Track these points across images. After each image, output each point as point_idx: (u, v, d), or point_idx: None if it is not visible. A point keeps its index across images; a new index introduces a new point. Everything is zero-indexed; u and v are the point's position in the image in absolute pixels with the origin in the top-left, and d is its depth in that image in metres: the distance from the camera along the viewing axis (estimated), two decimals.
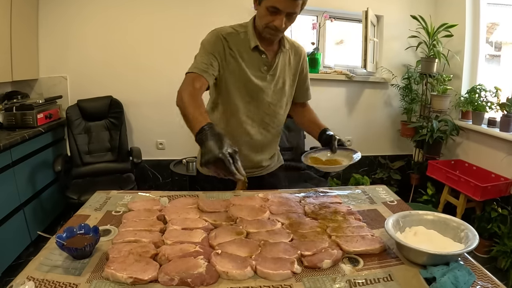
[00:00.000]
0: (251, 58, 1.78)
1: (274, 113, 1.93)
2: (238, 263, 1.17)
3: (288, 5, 1.58)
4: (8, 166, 2.94)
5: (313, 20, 4.39)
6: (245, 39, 1.77)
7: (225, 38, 1.74)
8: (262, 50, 1.78)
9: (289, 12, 1.61)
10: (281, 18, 1.61)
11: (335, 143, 1.77)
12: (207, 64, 1.69)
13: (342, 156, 1.77)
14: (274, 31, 1.68)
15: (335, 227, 1.43)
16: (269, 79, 1.84)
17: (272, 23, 1.63)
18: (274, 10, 1.60)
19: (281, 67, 1.86)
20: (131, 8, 3.95)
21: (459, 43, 4.11)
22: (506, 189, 3.41)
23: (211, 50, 1.72)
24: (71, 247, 1.21)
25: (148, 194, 1.79)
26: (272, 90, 1.86)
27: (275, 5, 1.58)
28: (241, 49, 1.77)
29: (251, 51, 1.77)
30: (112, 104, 3.87)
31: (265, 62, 1.80)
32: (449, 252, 1.22)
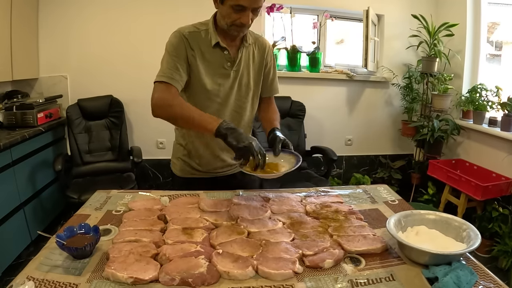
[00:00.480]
0: (213, 55, 1.78)
1: (241, 109, 1.93)
2: (240, 263, 1.17)
3: (253, 2, 1.59)
4: (8, 166, 2.93)
5: (313, 19, 4.38)
6: (206, 37, 1.77)
7: (186, 38, 1.74)
8: (224, 47, 1.77)
9: (254, 8, 1.62)
10: (247, 15, 1.62)
11: (279, 146, 1.73)
12: (174, 69, 1.69)
13: (285, 160, 1.71)
14: (240, 28, 1.68)
15: (336, 227, 1.43)
16: (233, 75, 1.83)
17: (239, 21, 1.64)
18: (240, 8, 1.60)
19: (244, 62, 1.86)
20: (131, 7, 3.94)
21: (460, 42, 4.10)
22: (507, 189, 3.40)
23: (176, 53, 1.72)
24: (71, 247, 1.20)
25: (149, 193, 1.79)
26: (237, 86, 1.87)
27: (240, 3, 1.57)
28: (202, 47, 1.76)
29: (212, 48, 1.76)
30: (112, 104, 3.86)
31: (228, 58, 1.80)
32: (451, 252, 1.22)
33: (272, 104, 2.10)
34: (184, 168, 2.00)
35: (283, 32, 4.14)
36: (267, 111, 2.05)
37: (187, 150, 1.97)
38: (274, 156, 1.70)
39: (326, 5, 4.22)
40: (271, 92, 2.07)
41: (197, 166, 1.97)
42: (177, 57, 1.72)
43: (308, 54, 4.27)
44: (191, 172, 1.99)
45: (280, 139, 1.75)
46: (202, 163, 1.96)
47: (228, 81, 1.83)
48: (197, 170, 1.98)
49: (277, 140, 1.74)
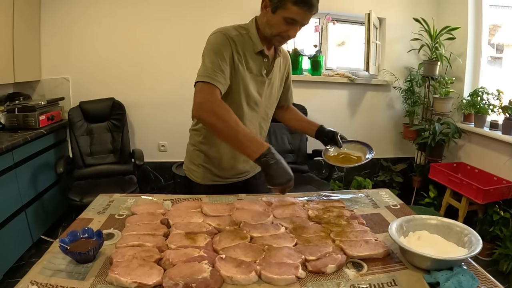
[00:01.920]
0: (254, 61, 1.77)
1: (267, 117, 1.98)
2: (243, 268, 1.17)
3: (306, 18, 1.61)
4: (10, 168, 2.93)
5: (315, 22, 4.39)
6: (248, 41, 1.75)
7: (233, 41, 1.69)
8: (266, 55, 1.78)
9: (304, 23, 1.65)
10: (296, 29, 1.64)
11: (338, 138, 1.90)
12: (219, 70, 1.62)
13: (352, 149, 1.87)
14: (285, 40, 1.71)
15: (338, 232, 1.44)
16: (267, 83, 1.85)
17: (287, 33, 1.65)
18: (292, 21, 1.60)
19: (275, 71, 1.88)
20: (133, 10, 3.95)
21: (461, 45, 4.10)
22: (508, 192, 3.40)
23: (221, 54, 1.65)
24: (74, 251, 1.21)
25: (151, 197, 1.80)
26: (268, 95, 1.89)
27: (294, 17, 1.58)
28: (246, 52, 1.74)
29: (255, 54, 1.76)
30: (114, 106, 3.87)
31: (266, 66, 1.81)
32: (453, 257, 1.22)
33: (294, 108, 2.20)
34: (206, 175, 1.96)
35: None
36: (296, 114, 2.17)
37: (209, 156, 1.93)
38: (338, 147, 1.89)
39: (328, 9, 4.22)
40: (290, 100, 2.15)
41: (218, 173, 1.96)
42: (222, 58, 1.65)
43: (310, 57, 4.27)
44: (213, 179, 1.97)
45: (337, 133, 1.92)
46: (224, 169, 1.95)
47: (263, 89, 1.85)
48: (219, 176, 1.97)
49: (336, 134, 1.91)
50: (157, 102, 4.09)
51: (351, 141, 1.91)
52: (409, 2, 4.43)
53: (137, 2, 3.94)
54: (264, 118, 1.95)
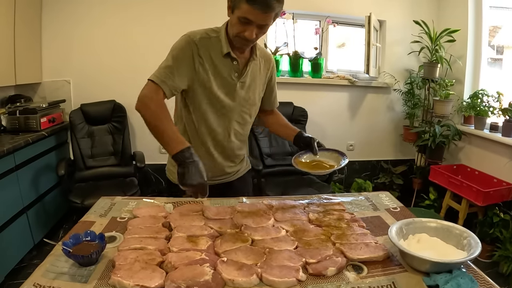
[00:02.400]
0: (222, 64, 1.76)
1: (244, 121, 1.94)
2: (244, 271, 1.18)
3: (260, 18, 1.56)
4: (12, 170, 2.94)
5: (316, 25, 4.40)
6: (216, 44, 1.75)
7: (196, 44, 1.71)
8: (234, 57, 1.76)
9: (261, 24, 1.60)
10: (252, 29, 1.60)
11: (315, 145, 1.83)
12: (169, 73, 1.67)
13: (326, 157, 1.82)
14: (244, 41, 1.66)
15: (339, 235, 1.45)
16: (239, 86, 1.82)
17: (243, 34, 1.62)
18: (246, 21, 1.58)
19: (251, 75, 1.85)
20: (134, 13, 3.96)
21: (461, 48, 4.12)
22: (508, 194, 3.41)
23: (179, 57, 1.70)
24: (77, 254, 1.22)
25: (153, 200, 1.81)
26: (242, 98, 1.86)
27: (246, 16, 1.55)
28: (212, 54, 1.74)
29: (222, 57, 1.75)
30: (115, 108, 3.88)
31: (236, 69, 1.79)
32: (452, 260, 1.23)
33: (278, 112, 2.16)
34: None
35: (285, 38, 4.16)
36: (278, 119, 2.14)
37: None
38: (314, 155, 1.83)
39: (328, 11, 4.24)
40: (274, 105, 2.12)
41: None
42: (179, 62, 1.70)
43: (310, 59, 4.28)
44: None
45: (314, 139, 1.86)
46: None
47: (233, 92, 1.82)
48: None
49: (312, 140, 1.85)
50: None
51: (328, 149, 1.87)
52: (409, 4, 4.45)
53: (138, 6, 3.96)
54: (240, 122, 1.91)
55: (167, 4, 3.99)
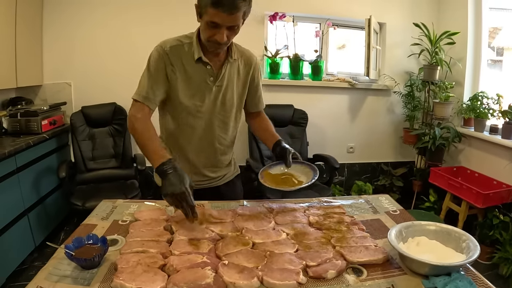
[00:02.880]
0: (195, 70, 1.77)
1: (225, 125, 1.92)
2: (245, 274, 1.19)
3: (227, 20, 1.55)
4: (13, 172, 2.95)
5: (316, 27, 4.42)
6: (189, 50, 1.76)
7: (167, 54, 1.74)
8: (206, 62, 1.75)
9: (230, 26, 1.59)
10: (222, 32, 1.59)
11: (289, 157, 1.78)
12: (148, 88, 1.74)
13: (298, 171, 1.77)
14: (216, 45, 1.65)
15: (339, 238, 1.46)
16: (216, 90, 1.81)
17: (213, 37, 1.61)
18: (214, 25, 1.57)
19: (228, 77, 1.84)
20: (135, 15, 3.97)
21: (461, 50, 4.13)
22: (508, 196, 3.42)
23: (154, 70, 1.75)
24: (80, 258, 1.23)
25: (154, 203, 1.82)
26: (220, 102, 1.85)
27: (213, 20, 1.55)
28: (184, 61, 1.76)
29: (195, 63, 1.75)
30: (116, 111, 3.89)
31: (210, 73, 1.78)
32: (451, 263, 1.24)
33: (264, 115, 2.12)
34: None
35: (285, 40, 4.17)
36: (262, 123, 2.09)
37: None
38: (286, 167, 1.77)
39: (329, 14, 4.26)
40: (259, 106, 2.07)
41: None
42: (154, 74, 1.75)
43: (311, 62, 4.29)
44: None
45: (290, 151, 1.80)
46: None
47: (210, 96, 1.82)
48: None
49: (287, 152, 1.79)
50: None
51: (303, 162, 1.82)
52: (409, 7, 4.46)
53: (139, 9, 3.97)
54: (221, 126, 1.91)
55: (169, 7, 4.00)
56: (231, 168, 2.13)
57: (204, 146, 1.90)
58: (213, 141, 1.92)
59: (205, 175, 1.99)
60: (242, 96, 1.95)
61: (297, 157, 1.81)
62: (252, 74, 1.95)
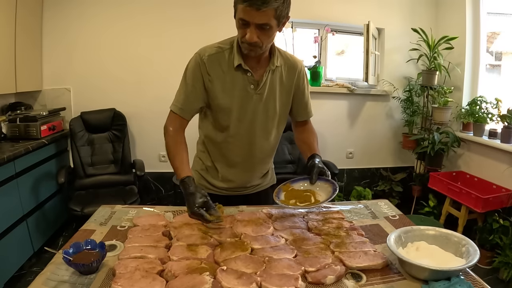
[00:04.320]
0: (234, 77, 1.71)
1: (267, 134, 1.86)
2: (244, 280, 1.19)
3: (255, 16, 1.48)
4: (12, 178, 2.95)
5: (315, 33, 4.43)
6: (229, 57, 1.70)
7: (204, 63, 1.69)
8: (246, 69, 1.69)
9: (259, 24, 1.50)
10: (251, 31, 1.52)
11: (314, 175, 1.73)
12: (184, 98, 1.74)
13: (321, 188, 1.71)
14: (249, 46, 1.58)
15: (338, 243, 1.45)
16: (257, 98, 1.75)
17: (245, 37, 1.55)
18: (244, 22, 1.52)
19: (270, 85, 1.76)
20: (134, 22, 3.99)
21: (459, 55, 4.14)
22: (508, 200, 3.42)
23: (190, 80, 1.73)
24: (78, 263, 1.23)
25: (153, 209, 1.81)
26: (262, 110, 1.78)
27: (242, 17, 1.50)
28: (224, 68, 1.70)
29: (234, 70, 1.69)
30: (115, 117, 3.90)
31: (251, 81, 1.72)
32: (450, 267, 1.24)
33: (310, 126, 2.02)
34: (201, 182, 1.97)
35: (284, 46, 4.17)
36: (303, 134, 2.00)
37: (206, 165, 1.96)
38: (310, 184, 1.73)
39: (327, 20, 4.27)
40: (307, 115, 1.97)
41: (214, 182, 1.95)
42: (191, 84, 1.72)
43: (310, 68, 4.30)
44: (207, 187, 1.96)
45: (318, 168, 1.75)
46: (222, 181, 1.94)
47: (251, 104, 1.75)
48: (214, 186, 1.95)
49: (315, 169, 1.74)
50: (158, 113, 4.03)
51: (328, 180, 1.74)
52: (408, 12, 4.48)
53: (137, 14, 3.98)
54: (262, 135, 1.85)
55: (168, 14, 4.02)
56: (268, 178, 2.08)
57: (244, 154, 1.85)
58: (253, 150, 1.87)
59: (244, 184, 1.97)
60: (286, 104, 1.87)
61: (325, 173, 1.75)
62: (297, 82, 1.85)
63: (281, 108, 1.85)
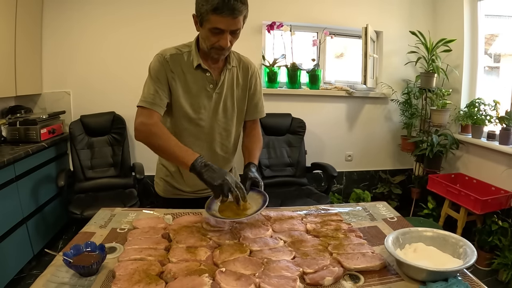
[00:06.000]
0: (194, 77, 1.78)
1: (227, 132, 1.93)
2: (242, 281, 1.19)
3: (230, 24, 1.58)
4: (12, 181, 2.96)
5: (313, 36, 4.44)
6: (188, 59, 1.78)
7: (167, 61, 1.76)
8: (206, 69, 1.77)
9: (233, 30, 1.62)
10: (226, 37, 1.62)
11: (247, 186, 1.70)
12: (155, 93, 1.73)
13: (251, 199, 1.66)
14: (220, 51, 1.68)
15: (336, 245, 1.46)
16: (216, 98, 1.83)
17: (218, 43, 1.63)
18: (218, 31, 1.60)
19: (228, 84, 1.85)
20: (135, 25, 4.00)
21: (457, 57, 4.16)
22: (506, 202, 3.43)
23: (157, 77, 1.75)
24: (78, 265, 1.23)
25: (153, 211, 1.82)
26: (221, 109, 1.86)
27: (217, 26, 1.57)
28: (184, 69, 1.77)
29: (194, 70, 1.77)
30: (114, 120, 3.90)
31: (210, 81, 1.80)
32: (448, 268, 1.24)
33: (256, 129, 2.05)
34: (167, 189, 2.02)
35: (283, 49, 4.19)
36: (249, 138, 2.02)
37: (170, 171, 1.99)
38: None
39: (326, 23, 4.29)
40: (255, 115, 2.02)
41: (179, 187, 1.99)
42: (158, 81, 1.75)
43: (308, 71, 4.31)
44: (174, 193, 2.01)
45: (250, 179, 1.73)
46: (188, 185, 1.97)
47: (211, 104, 1.83)
48: (181, 190, 1.99)
49: (248, 178, 1.74)
50: None
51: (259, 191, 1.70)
52: (406, 15, 4.50)
53: (137, 18, 4.00)
54: (222, 134, 1.91)
55: (167, 19, 4.03)
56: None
57: (205, 154, 1.87)
58: (215, 149, 1.92)
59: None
60: (242, 103, 1.94)
61: (258, 184, 1.72)
62: (250, 81, 1.94)
63: (239, 107, 1.93)
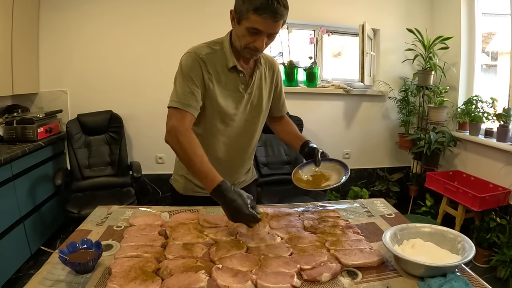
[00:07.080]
0: (229, 78, 1.73)
1: (251, 131, 1.91)
2: (239, 278, 1.19)
3: (270, 27, 1.53)
4: (9, 180, 2.95)
5: (310, 34, 4.44)
6: (222, 57, 1.72)
7: (203, 61, 1.68)
8: (240, 70, 1.73)
9: (270, 33, 1.57)
10: (262, 39, 1.57)
11: (318, 156, 1.80)
12: (189, 94, 1.64)
13: (328, 168, 1.78)
14: (254, 52, 1.63)
15: (333, 241, 1.46)
16: (247, 98, 1.80)
17: (253, 44, 1.59)
18: (255, 31, 1.55)
19: (257, 84, 1.83)
20: (132, 24, 4.00)
21: (455, 54, 4.16)
22: (504, 199, 3.43)
23: (191, 76, 1.66)
24: (74, 262, 1.22)
25: (149, 209, 1.81)
26: (249, 108, 1.84)
27: (256, 26, 1.52)
28: (218, 69, 1.71)
29: (228, 71, 1.72)
30: (112, 119, 3.90)
31: (242, 81, 1.76)
32: (446, 264, 1.24)
33: (287, 118, 2.11)
34: (187, 186, 1.97)
35: (280, 47, 4.18)
36: (286, 126, 2.08)
37: None
38: (316, 166, 1.80)
39: (323, 21, 4.28)
40: (283, 111, 2.07)
41: (200, 184, 1.92)
42: (192, 81, 1.65)
43: (305, 69, 4.31)
44: (194, 190, 1.96)
45: (318, 150, 1.82)
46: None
47: (242, 104, 1.80)
48: (201, 188, 1.92)
49: (316, 151, 1.82)
50: (155, 115, 4.09)
51: (331, 159, 1.82)
52: (403, 13, 4.49)
53: (134, 18, 3.99)
54: (246, 133, 1.90)
55: (164, 18, 4.04)
56: (250, 174, 2.11)
57: (230, 153, 1.87)
58: (243, 147, 1.92)
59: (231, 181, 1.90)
60: (268, 101, 1.94)
61: (326, 155, 1.82)
62: (276, 79, 1.95)
63: (265, 105, 1.92)
